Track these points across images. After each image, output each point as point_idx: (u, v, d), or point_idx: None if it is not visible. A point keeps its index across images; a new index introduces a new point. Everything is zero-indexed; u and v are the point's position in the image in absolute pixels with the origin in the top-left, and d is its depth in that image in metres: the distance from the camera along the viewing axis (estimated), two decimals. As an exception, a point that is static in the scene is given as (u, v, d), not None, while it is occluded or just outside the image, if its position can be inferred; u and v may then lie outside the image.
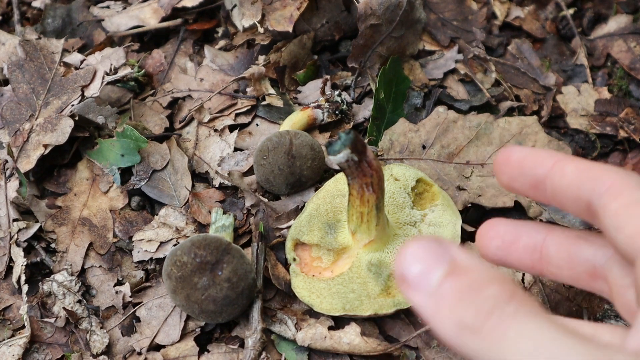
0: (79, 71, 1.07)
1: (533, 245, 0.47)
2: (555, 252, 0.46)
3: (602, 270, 0.44)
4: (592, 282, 0.45)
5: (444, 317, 0.37)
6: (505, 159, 0.46)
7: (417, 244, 0.38)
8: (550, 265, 0.46)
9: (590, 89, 1.10)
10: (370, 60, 1.10)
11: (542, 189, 0.44)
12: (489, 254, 0.48)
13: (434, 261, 0.38)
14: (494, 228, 0.48)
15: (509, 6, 1.20)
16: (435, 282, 0.37)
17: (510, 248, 0.48)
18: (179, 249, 0.85)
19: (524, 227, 0.48)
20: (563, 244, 0.46)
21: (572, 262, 0.45)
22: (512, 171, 0.45)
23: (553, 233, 0.47)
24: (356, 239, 0.88)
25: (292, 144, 0.96)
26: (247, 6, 1.14)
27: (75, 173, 1.05)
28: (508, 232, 0.48)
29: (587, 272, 0.45)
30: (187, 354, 0.87)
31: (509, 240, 0.48)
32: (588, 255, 0.45)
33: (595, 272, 0.44)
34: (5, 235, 0.98)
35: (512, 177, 0.46)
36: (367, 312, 0.85)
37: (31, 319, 0.91)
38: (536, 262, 0.47)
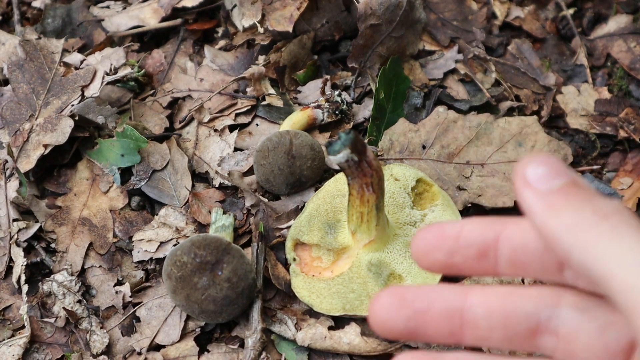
0: (79, 71, 1.07)
1: (452, 310, 0.41)
2: (484, 314, 0.41)
3: (548, 324, 0.40)
4: (531, 340, 0.41)
5: (553, 217, 0.37)
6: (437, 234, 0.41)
7: (546, 155, 0.39)
8: (477, 329, 0.41)
9: (590, 89, 1.10)
10: (370, 60, 1.10)
11: (492, 256, 0.41)
12: (397, 328, 0.42)
13: (560, 171, 0.39)
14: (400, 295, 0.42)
15: (509, 6, 1.20)
16: (556, 186, 0.38)
17: (424, 317, 0.42)
18: (179, 249, 0.85)
19: (435, 292, 0.42)
20: (492, 302, 0.41)
21: (509, 321, 0.41)
22: (450, 245, 0.41)
23: (474, 292, 0.42)
24: (356, 239, 0.88)
25: (292, 144, 0.96)
26: (247, 6, 1.14)
27: (75, 173, 1.05)
28: (417, 298, 0.42)
29: (527, 329, 0.41)
30: (187, 354, 0.87)
31: (421, 309, 0.42)
32: (529, 310, 0.41)
33: (538, 328, 0.41)
34: (5, 235, 0.98)
35: (450, 252, 0.41)
36: (367, 312, 0.85)
37: (31, 319, 0.91)
38: (456, 329, 0.42)
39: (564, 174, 0.39)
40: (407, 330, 0.42)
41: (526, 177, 0.39)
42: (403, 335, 0.42)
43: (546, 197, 0.38)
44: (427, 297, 0.42)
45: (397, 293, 0.42)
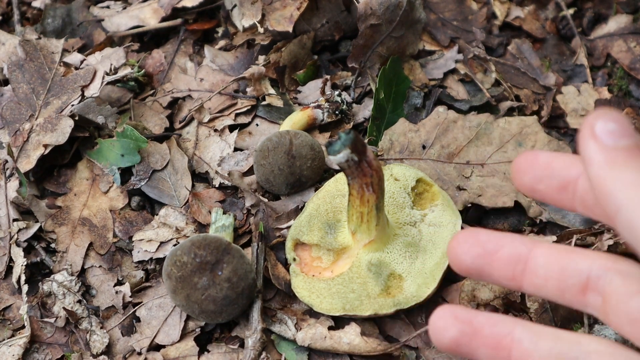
0: (79, 71, 1.07)
1: (517, 256, 0.45)
2: (544, 264, 0.45)
3: (597, 282, 0.43)
4: (581, 296, 0.44)
5: (612, 172, 0.38)
6: (531, 160, 0.45)
7: (619, 113, 0.40)
8: (535, 277, 0.45)
9: (590, 89, 1.10)
10: (370, 60, 1.10)
11: (571, 191, 0.44)
12: (466, 262, 0.46)
13: (629, 132, 0.40)
14: (473, 236, 0.46)
15: (509, 6, 1.20)
16: (622, 144, 0.39)
17: (492, 257, 0.46)
18: (179, 249, 0.85)
19: (507, 238, 0.46)
20: (554, 255, 0.45)
21: (564, 273, 0.44)
22: (539, 172, 0.44)
23: (540, 245, 0.45)
24: (356, 239, 0.88)
25: (292, 144, 0.96)
26: (247, 6, 1.14)
27: (75, 173, 1.05)
28: (490, 240, 0.46)
29: (578, 284, 0.44)
30: (187, 354, 0.87)
31: (491, 249, 0.46)
32: (583, 267, 0.44)
33: (587, 285, 0.43)
34: (5, 235, 0.98)
35: (538, 178, 0.44)
36: (367, 312, 0.85)
37: (31, 319, 0.91)
38: (518, 274, 0.45)
39: (632, 135, 0.40)
40: (474, 266, 0.46)
41: (594, 128, 0.40)
42: (471, 271, 0.46)
43: (610, 151, 0.39)
44: (499, 241, 0.46)
45: (473, 233, 0.46)
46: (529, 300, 0.85)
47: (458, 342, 0.45)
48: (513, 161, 0.46)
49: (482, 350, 0.45)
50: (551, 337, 0.43)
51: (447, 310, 0.45)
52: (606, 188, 0.39)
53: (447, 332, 0.45)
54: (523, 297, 0.86)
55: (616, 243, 0.82)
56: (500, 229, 0.96)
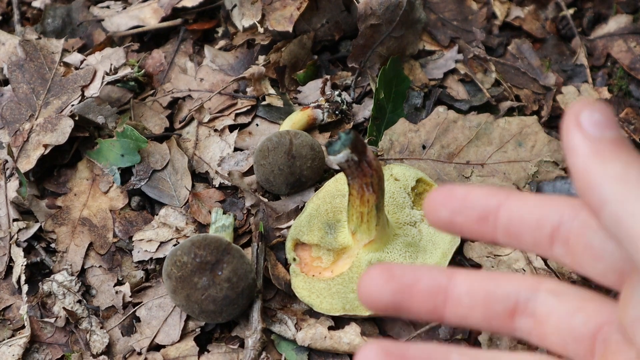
0: (79, 71, 1.07)
1: (437, 287, 0.43)
2: (467, 292, 0.43)
3: (526, 305, 0.42)
4: (509, 321, 0.43)
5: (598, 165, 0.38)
6: (446, 194, 0.43)
7: (604, 105, 0.39)
8: (458, 307, 0.43)
9: (590, 89, 1.10)
10: (370, 60, 1.10)
11: (492, 222, 0.42)
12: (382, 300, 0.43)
13: (614, 124, 0.39)
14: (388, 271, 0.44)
15: (509, 6, 1.20)
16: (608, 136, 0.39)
17: (409, 291, 0.43)
18: (179, 249, 0.85)
19: (423, 270, 0.44)
20: (477, 282, 0.43)
21: (489, 300, 0.43)
22: (456, 204, 0.43)
23: (459, 274, 0.44)
24: (356, 239, 0.88)
25: (292, 144, 0.96)
26: (247, 6, 1.14)
27: (75, 173, 1.05)
28: (405, 274, 0.44)
29: (506, 309, 0.42)
30: (187, 354, 0.87)
31: (408, 282, 0.43)
32: (510, 291, 0.42)
33: (516, 309, 0.42)
34: (5, 235, 0.98)
35: (455, 210, 0.43)
36: (367, 312, 0.85)
37: (31, 319, 0.91)
38: (439, 306, 0.43)
39: (616, 127, 0.39)
40: (392, 303, 0.43)
41: (579, 118, 0.39)
42: (388, 308, 0.43)
43: (596, 143, 0.38)
44: (414, 273, 0.44)
45: (386, 268, 0.43)
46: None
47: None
48: (426, 197, 0.45)
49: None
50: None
51: (376, 346, 0.41)
52: (592, 180, 0.38)
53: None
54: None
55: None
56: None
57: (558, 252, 0.41)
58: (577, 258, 0.40)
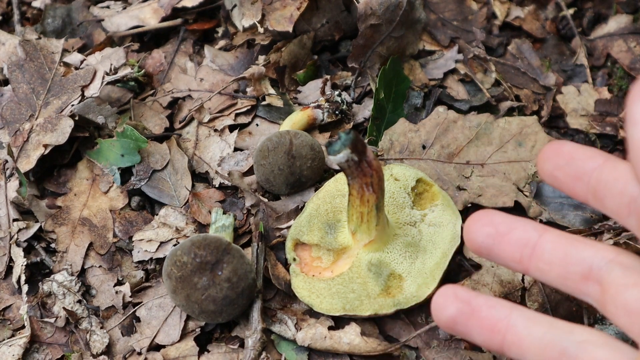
0: (79, 71, 1.07)
1: (527, 240, 0.47)
2: (550, 250, 0.46)
3: (598, 272, 0.44)
4: (581, 284, 0.45)
5: None
6: (556, 148, 0.46)
7: None
8: (541, 261, 0.46)
9: (590, 89, 1.10)
10: (370, 60, 1.10)
11: (585, 182, 0.45)
12: (477, 240, 0.48)
13: None
14: (488, 216, 0.48)
15: (509, 6, 1.20)
16: None
17: (503, 238, 0.47)
18: (179, 249, 0.85)
19: (519, 222, 0.48)
20: (561, 242, 0.46)
21: (567, 260, 0.45)
22: (561, 160, 0.46)
23: (550, 232, 0.47)
24: (356, 239, 0.88)
25: (292, 144, 0.96)
26: (247, 6, 1.14)
27: (75, 173, 1.05)
28: (503, 223, 0.48)
29: (580, 272, 0.45)
30: (187, 354, 0.87)
31: (503, 231, 0.47)
32: (586, 256, 0.45)
33: (589, 274, 0.44)
34: (5, 235, 0.98)
35: (558, 165, 0.46)
36: (367, 312, 0.85)
37: (31, 319, 0.91)
38: (525, 258, 0.47)
39: None
40: (485, 245, 0.48)
41: None
42: (482, 249, 0.48)
43: None
44: (511, 224, 0.48)
45: (488, 214, 0.48)
46: (529, 301, 0.85)
47: (455, 320, 0.46)
48: (541, 149, 0.47)
49: (477, 331, 0.46)
50: (545, 324, 0.44)
51: (450, 289, 0.47)
52: None
53: (446, 310, 0.46)
54: (523, 297, 0.86)
55: (616, 243, 0.82)
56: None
57: (632, 223, 0.43)
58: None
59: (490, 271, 0.88)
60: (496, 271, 0.88)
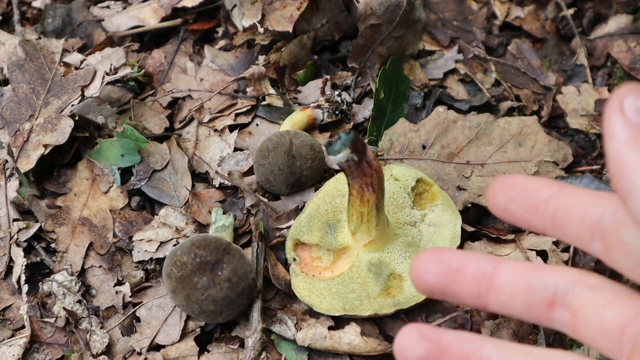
0: (79, 71, 1.07)
1: (482, 273, 0.45)
2: (509, 280, 0.45)
3: (564, 297, 0.43)
4: (548, 312, 0.44)
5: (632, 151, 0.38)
6: (507, 182, 0.45)
7: None
8: (501, 293, 0.45)
9: (590, 89, 1.10)
10: (370, 60, 1.10)
11: (541, 211, 0.44)
12: (430, 281, 0.46)
13: None
14: (437, 254, 0.46)
15: (509, 6, 1.20)
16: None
17: (456, 275, 0.45)
18: (179, 249, 0.85)
19: (471, 256, 0.46)
20: (520, 271, 0.45)
21: (530, 289, 0.44)
22: (513, 192, 0.45)
23: (506, 262, 0.45)
24: (356, 239, 0.88)
25: (292, 144, 0.96)
26: (247, 6, 1.14)
27: (75, 173, 1.05)
28: (454, 259, 0.46)
29: (545, 300, 0.43)
30: (187, 354, 0.87)
31: (455, 267, 0.45)
32: (549, 282, 0.43)
33: (554, 300, 0.43)
34: (5, 235, 0.98)
35: (510, 198, 0.45)
36: (367, 312, 0.85)
37: (31, 319, 0.91)
38: (483, 291, 0.45)
39: None
40: (438, 285, 0.46)
41: (623, 103, 0.39)
42: (435, 289, 0.46)
43: (634, 129, 0.38)
44: (462, 259, 0.46)
45: (437, 252, 0.46)
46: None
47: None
48: (490, 184, 0.46)
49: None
50: (521, 354, 0.42)
51: (413, 329, 0.44)
52: (623, 166, 0.38)
53: (413, 352, 0.43)
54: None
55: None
56: (500, 228, 0.96)
57: (596, 247, 0.42)
58: (611, 253, 0.41)
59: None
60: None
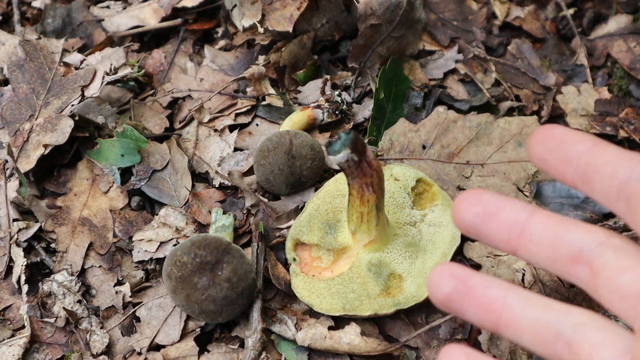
0: (79, 71, 1.07)
1: (515, 220, 0.46)
2: (539, 231, 0.46)
3: (589, 255, 0.44)
4: (571, 266, 0.44)
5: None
6: (548, 131, 0.46)
7: None
8: (529, 242, 0.46)
9: (590, 89, 1.10)
10: (370, 60, 1.10)
11: (574, 165, 0.45)
12: (465, 220, 0.47)
13: None
14: (477, 195, 0.48)
15: (509, 6, 1.20)
16: None
17: (491, 218, 0.47)
18: (179, 249, 0.85)
19: (508, 202, 0.47)
20: (550, 223, 0.46)
21: (557, 242, 0.45)
22: (551, 143, 0.45)
23: (539, 213, 0.46)
24: (356, 239, 0.88)
25: (292, 144, 0.96)
26: (247, 6, 1.14)
27: (75, 173, 1.05)
28: (492, 202, 0.47)
29: (569, 254, 0.44)
30: (187, 354, 0.87)
31: (491, 211, 0.47)
32: (576, 238, 0.44)
33: (579, 257, 0.44)
34: (5, 235, 0.98)
35: (548, 148, 0.46)
36: (367, 312, 0.85)
37: (31, 319, 0.91)
38: (514, 238, 0.46)
39: None
40: (472, 224, 0.47)
41: None
42: (469, 228, 0.48)
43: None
44: (500, 203, 0.47)
45: (477, 193, 0.48)
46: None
47: (450, 298, 0.46)
48: (532, 133, 0.47)
49: (472, 310, 0.46)
50: (541, 306, 0.44)
51: (446, 266, 0.46)
52: None
53: (441, 288, 0.46)
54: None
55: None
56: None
57: (620, 208, 0.43)
58: (633, 215, 0.41)
59: (490, 271, 0.88)
60: (496, 271, 0.88)
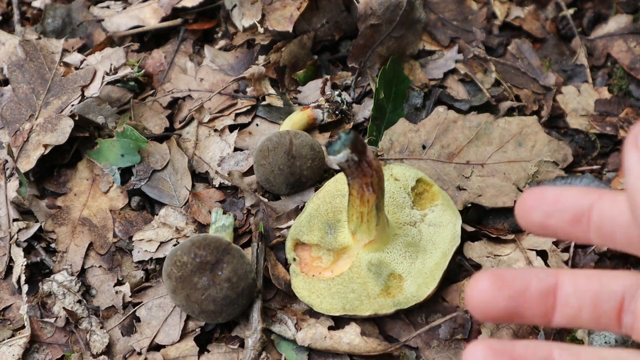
0: (79, 71, 1.07)
1: (546, 289, 0.44)
2: (574, 293, 0.44)
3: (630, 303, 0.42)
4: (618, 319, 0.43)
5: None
6: (538, 196, 0.43)
7: None
8: (568, 308, 0.44)
9: (590, 89, 1.10)
10: (370, 60, 1.10)
11: (585, 222, 0.42)
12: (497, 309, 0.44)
13: None
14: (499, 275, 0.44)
15: (509, 6, 1.20)
16: None
17: (524, 296, 0.44)
18: (179, 249, 0.85)
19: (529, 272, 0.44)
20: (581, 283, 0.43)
21: (597, 299, 0.43)
22: (548, 208, 0.43)
23: (563, 275, 0.44)
24: (356, 239, 0.88)
25: (292, 144, 0.96)
26: (247, 6, 1.14)
27: (75, 173, 1.05)
28: (516, 279, 0.44)
29: (614, 308, 0.43)
30: (187, 354, 0.87)
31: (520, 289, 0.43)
32: (616, 289, 0.43)
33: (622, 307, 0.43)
34: (5, 235, 0.98)
35: (547, 213, 0.43)
36: (367, 312, 0.85)
37: (31, 319, 0.91)
38: (549, 309, 0.44)
39: None
40: (507, 310, 0.43)
41: (638, 139, 0.39)
42: (503, 316, 0.43)
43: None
44: (524, 277, 0.43)
45: (496, 274, 0.43)
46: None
47: None
48: (518, 200, 0.44)
49: None
50: (591, 355, 0.42)
51: (484, 345, 0.41)
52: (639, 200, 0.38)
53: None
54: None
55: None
56: (500, 228, 0.96)
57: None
58: None
59: (490, 271, 0.88)
60: (496, 271, 0.88)
